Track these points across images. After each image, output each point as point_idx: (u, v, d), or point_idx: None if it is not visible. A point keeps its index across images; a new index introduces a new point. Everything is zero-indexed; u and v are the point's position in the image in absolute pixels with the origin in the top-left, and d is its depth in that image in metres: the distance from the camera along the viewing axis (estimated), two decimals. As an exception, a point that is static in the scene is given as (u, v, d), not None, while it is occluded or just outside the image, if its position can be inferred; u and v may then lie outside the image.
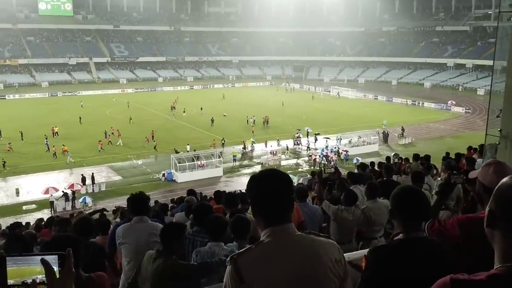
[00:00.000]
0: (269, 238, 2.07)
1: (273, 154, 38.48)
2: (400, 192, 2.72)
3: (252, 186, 2.17)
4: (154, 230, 5.00)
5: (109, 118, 54.04)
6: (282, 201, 2.11)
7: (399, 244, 2.53)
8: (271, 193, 2.09)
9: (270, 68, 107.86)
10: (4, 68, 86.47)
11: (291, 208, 2.16)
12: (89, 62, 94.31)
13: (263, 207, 2.11)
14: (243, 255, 2.05)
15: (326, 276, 2.06)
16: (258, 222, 2.16)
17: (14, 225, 11.54)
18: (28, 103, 66.19)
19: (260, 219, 2.13)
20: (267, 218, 2.11)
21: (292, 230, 2.11)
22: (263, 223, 2.12)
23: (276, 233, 2.07)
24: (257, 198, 2.13)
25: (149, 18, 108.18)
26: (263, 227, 2.12)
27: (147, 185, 31.88)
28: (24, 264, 1.45)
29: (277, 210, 2.09)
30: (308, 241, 2.11)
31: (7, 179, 33.09)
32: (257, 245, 2.08)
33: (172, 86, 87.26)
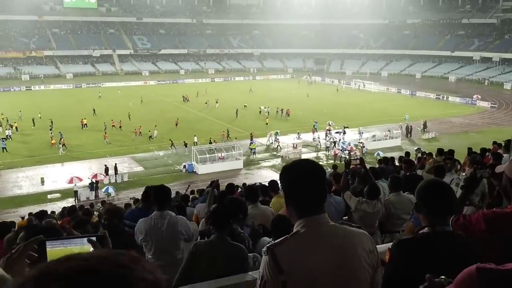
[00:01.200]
0: (304, 229, 2.07)
1: (293, 147, 38.34)
2: (426, 185, 2.68)
3: (287, 176, 2.17)
4: (179, 226, 5.01)
5: (130, 110, 54.68)
6: (317, 191, 2.12)
7: (425, 238, 2.49)
8: (307, 183, 2.10)
9: (292, 61, 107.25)
10: (30, 60, 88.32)
11: (325, 198, 2.19)
12: (113, 54, 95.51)
13: (299, 197, 2.11)
14: (280, 245, 2.06)
15: (360, 266, 2.08)
16: (291, 212, 2.16)
17: (39, 214, 11.85)
18: (53, 94, 67.55)
19: (294, 209, 2.14)
20: (302, 208, 2.11)
21: (326, 221, 2.13)
22: (297, 213, 2.12)
23: (311, 223, 2.08)
24: (293, 188, 2.13)
25: (172, 11, 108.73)
26: (297, 217, 2.12)
27: (168, 176, 32.24)
28: (63, 245, 1.56)
29: (312, 200, 2.10)
30: (343, 232, 2.13)
31: (33, 168, 33.85)
32: (293, 235, 2.08)
33: (193, 79, 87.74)
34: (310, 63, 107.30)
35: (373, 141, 40.29)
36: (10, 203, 27.61)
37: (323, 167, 2.29)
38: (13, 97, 65.19)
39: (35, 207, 24.88)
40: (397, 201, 6.21)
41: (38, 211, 13.96)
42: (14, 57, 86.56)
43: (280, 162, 36.95)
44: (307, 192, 2.08)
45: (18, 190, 30.29)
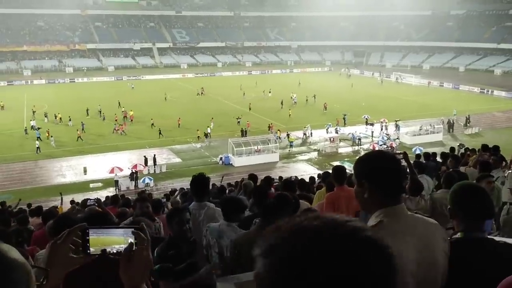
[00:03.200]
0: (388, 218, 2.07)
1: (330, 141, 37.94)
2: (459, 189, 2.60)
3: (366, 164, 2.17)
4: (217, 217, 4.98)
5: (168, 102, 55.66)
6: (397, 179, 2.13)
7: (457, 244, 2.40)
8: (394, 172, 2.10)
9: (329, 53, 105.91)
10: (73, 53, 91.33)
11: (402, 187, 2.24)
12: (152, 48, 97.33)
13: (386, 185, 2.09)
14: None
15: (441, 255, 2.13)
16: (370, 201, 2.13)
17: (84, 201, 12.27)
18: (96, 86, 69.63)
19: (374, 198, 2.11)
20: (383, 196, 2.09)
21: (406, 210, 2.14)
22: (378, 202, 2.11)
23: (394, 212, 2.09)
24: (374, 176, 2.10)
25: (210, 4, 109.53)
26: (377, 207, 2.11)
27: (205, 168, 32.54)
28: (104, 234, 1.64)
29: (393, 188, 2.11)
30: (422, 221, 2.17)
31: (76, 158, 35.07)
32: (378, 224, 2.07)
33: (231, 71, 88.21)
34: (349, 55, 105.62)
35: (412, 135, 39.26)
36: (55, 190, 28.72)
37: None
38: (58, 89, 67.70)
39: (78, 195, 25.77)
40: (444, 198, 6.01)
41: (84, 199, 14.46)
42: (58, 50, 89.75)
43: (317, 156, 36.67)
44: (389, 179, 2.09)
45: (62, 178, 31.47)
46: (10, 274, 1.04)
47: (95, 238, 1.62)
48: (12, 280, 1.04)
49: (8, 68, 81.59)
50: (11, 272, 1.05)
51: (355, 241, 0.89)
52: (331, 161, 33.73)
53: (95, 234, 1.62)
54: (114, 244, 1.62)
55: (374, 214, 2.11)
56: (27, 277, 1.09)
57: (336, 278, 0.83)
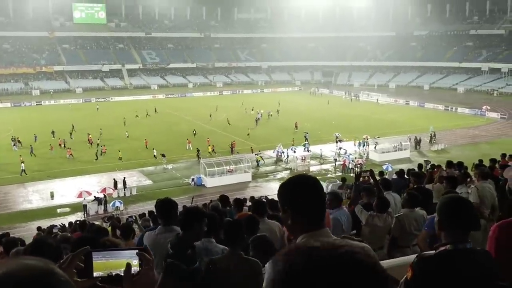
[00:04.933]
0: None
1: (302, 159, 38.26)
2: (448, 202, 2.69)
3: (286, 191, 2.16)
4: None
5: (137, 123, 55.13)
6: (320, 205, 2.13)
7: (446, 255, 2.48)
8: (310, 197, 2.10)
9: (299, 73, 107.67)
10: (40, 75, 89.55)
11: (324, 213, 2.18)
12: (122, 69, 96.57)
13: (300, 212, 2.09)
14: None
15: None
16: (294, 228, 2.14)
17: (50, 228, 11.89)
18: (62, 109, 68.30)
19: (297, 225, 2.12)
20: (305, 223, 2.10)
21: (329, 235, 2.12)
22: (300, 228, 2.11)
23: (314, 238, 2.02)
24: (293, 203, 2.12)
25: (180, 25, 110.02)
26: (300, 232, 2.11)
27: (177, 190, 32.24)
28: (110, 258, 1.62)
29: (316, 214, 2.11)
30: None
31: (42, 182, 34.06)
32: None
33: (202, 92, 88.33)
34: (318, 75, 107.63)
35: (381, 153, 40.07)
36: (21, 217, 27.77)
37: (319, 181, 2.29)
38: (24, 112, 66.03)
39: (45, 221, 24.99)
40: (411, 217, 6.16)
41: (49, 225, 14.03)
42: (25, 72, 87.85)
43: (289, 174, 36.85)
44: (310, 206, 2.08)
45: (28, 204, 30.47)
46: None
47: (99, 262, 1.60)
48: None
49: (-29, 91, 79.17)
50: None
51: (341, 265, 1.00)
52: (303, 180, 33.81)
53: (99, 257, 1.61)
54: (119, 266, 1.61)
55: (298, 238, 2.10)
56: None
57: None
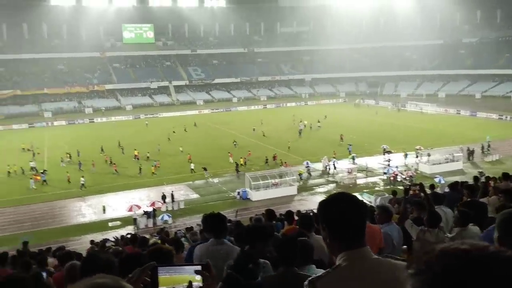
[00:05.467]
0: (346, 262, 2.04)
1: (348, 172, 37.62)
2: (509, 218, 2.55)
3: (323, 210, 2.17)
4: (232, 254, 4.91)
5: (188, 138, 56.30)
6: (358, 224, 2.10)
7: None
8: (348, 216, 2.08)
9: (344, 85, 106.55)
10: (93, 94, 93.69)
11: (363, 231, 2.14)
12: (169, 86, 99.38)
13: (337, 231, 2.09)
14: (322, 278, 2.05)
15: None
16: (332, 246, 2.13)
17: (103, 241, 12.27)
18: (113, 126, 70.99)
19: (334, 243, 2.11)
20: (342, 241, 2.08)
21: (369, 254, 2.09)
22: (338, 246, 2.10)
23: (352, 257, 2.06)
24: (330, 222, 2.12)
25: (224, 42, 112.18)
26: (338, 251, 2.10)
27: (223, 203, 32.53)
28: (174, 273, 1.68)
29: (354, 233, 2.08)
30: (387, 266, 2.06)
31: (95, 197, 35.37)
32: (335, 269, 2.06)
33: (246, 106, 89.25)
34: (363, 86, 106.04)
35: (432, 164, 38.70)
36: (75, 230, 28.90)
37: (359, 198, 2.27)
38: (77, 129, 69.21)
39: (97, 234, 25.87)
40: (464, 236, 5.86)
41: (102, 239, 14.48)
42: (78, 91, 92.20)
43: (335, 188, 36.31)
44: (348, 225, 2.07)
45: (81, 218, 31.69)
46: None
47: (164, 277, 1.65)
48: None
49: (29, 111, 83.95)
50: None
51: (498, 262, 1.04)
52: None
53: (164, 272, 1.66)
54: (182, 282, 1.66)
55: (338, 257, 2.08)
56: None
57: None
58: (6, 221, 31.18)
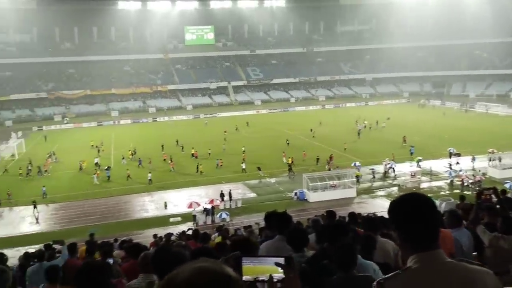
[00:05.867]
0: (417, 264, 1.98)
1: (411, 175, 36.18)
2: None
3: (396, 210, 2.12)
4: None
5: (245, 138, 56.80)
6: (431, 225, 2.04)
7: None
8: (420, 217, 2.02)
9: (407, 84, 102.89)
10: (156, 94, 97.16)
11: (437, 233, 2.08)
12: (228, 86, 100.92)
13: (409, 232, 2.04)
14: (391, 279, 2.01)
15: None
16: (404, 247, 2.10)
17: (167, 236, 12.59)
18: (172, 125, 73.12)
19: (406, 244, 2.07)
20: (414, 243, 2.03)
21: (442, 257, 2.01)
22: (410, 248, 2.05)
23: (424, 259, 1.99)
24: (402, 223, 2.08)
25: (283, 41, 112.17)
26: (409, 253, 2.05)
27: (280, 204, 32.35)
28: (258, 263, 1.75)
29: (426, 235, 2.02)
30: (462, 269, 1.98)
31: (157, 193, 36.56)
32: (405, 270, 2.01)
33: (304, 106, 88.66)
34: (428, 86, 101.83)
35: (502, 169, 36.30)
36: (138, 224, 30.01)
37: (433, 200, 2.17)
38: (142, 128, 72.03)
39: (159, 229, 26.65)
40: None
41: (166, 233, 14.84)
42: (143, 92, 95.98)
43: (397, 191, 35.04)
44: (421, 226, 2.02)
45: (144, 213, 32.85)
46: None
47: (248, 267, 1.72)
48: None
49: (98, 110, 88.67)
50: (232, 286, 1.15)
51: None
52: (413, 197, 31.99)
53: (248, 262, 1.73)
54: (265, 272, 1.71)
55: (408, 259, 2.04)
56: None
57: None
58: (75, 214, 32.97)
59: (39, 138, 63.90)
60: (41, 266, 7.86)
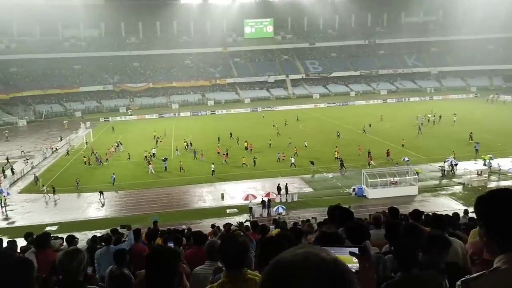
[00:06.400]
0: (507, 265, 1.84)
1: (478, 174, 34.32)
2: None
3: (485, 206, 1.98)
4: None
5: (302, 132, 56.45)
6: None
7: None
8: (506, 215, 1.89)
9: (475, 79, 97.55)
10: (215, 87, 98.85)
11: None
12: (286, 79, 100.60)
13: (499, 230, 1.90)
14: (477, 280, 1.91)
15: None
16: (490, 247, 1.96)
17: (227, 225, 12.81)
18: (233, 117, 74.07)
19: (493, 243, 1.93)
20: (502, 242, 1.89)
21: None
22: (497, 248, 1.91)
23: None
24: (492, 220, 1.93)
25: (344, 34, 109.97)
26: (496, 252, 1.91)
27: (337, 199, 31.78)
28: (334, 253, 1.70)
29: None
30: None
31: (214, 184, 37.27)
32: (493, 271, 1.88)
33: (364, 100, 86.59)
34: (498, 80, 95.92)
35: None
36: (196, 214, 30.79)
37: None
38: (200, 120, 73.65)
39: (215, 220, 27.20)
40: None
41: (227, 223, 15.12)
42: (202, 85, 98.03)
43: (461, 190, 33.41)
44: (508, 223, 1.87)
45: (202, 203, 33.63)
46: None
47: None
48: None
49: (159, 103, 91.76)
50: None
51: None
52: (479, 197, 30.42)
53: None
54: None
55: (496, 259, 1.90)
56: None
57: None
58: (137, 201, 34.38)
59: (106, 128, 67.30)
60: (108, 250, 8.24)
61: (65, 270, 3.47)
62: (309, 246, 1.21)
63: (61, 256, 3.52)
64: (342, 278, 1.13)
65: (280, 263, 1.16)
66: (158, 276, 2.54)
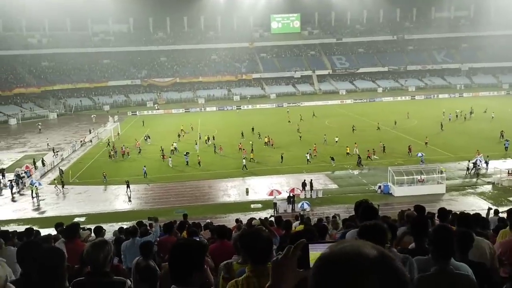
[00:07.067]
0: None
1: (509, 173, 33.36)
2: None
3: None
4: None
5: (327, 128, 56.00)
6: None
7: None
8: None
9: (508, 75, 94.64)
10: (241, 82, 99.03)
11: None
12: (312, 75, 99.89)
13: None
14: None
15: None
16: None
17: (249, 220, 12.87)
18: (258, 113, 74.05)
19: None
20: None
21: None
22: None
23: None
24: None
25: (372, 29, 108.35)
26: None
27: (362, 196, 31.30)
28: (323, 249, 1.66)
29: None
30: None
31: (238, 179, 37.38)
32: None
33: (391, 97, 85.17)
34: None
35: None
36: (221, 209, 31.02)
37: None
38: (226, 115, 73.95)
39: (240, 214, 27.32)
40: None
41: (250, 218, 15.19)
42: (228, 80, 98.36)
43: (491, 189, 32.56)
44: None
45: (227, 198, 33.83)
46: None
47: (316, 253, 1.68)
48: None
49: (186, 97, 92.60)
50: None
51: None
52: (510, 197, 29.61)
53: (315, 249, 1.71)
54: None
55: None
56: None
57: None
58: (163, 195, 34.87)
59: (134, 122, 68.42)
60: (134, 242, 8.40)
61: (93, 261, 3.59)
62: (349, 240, 1.24)
63: (89, 248, 3.64)
64: (391, 268, 1.16)
65: (332, 256, 1.20)
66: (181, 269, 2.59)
